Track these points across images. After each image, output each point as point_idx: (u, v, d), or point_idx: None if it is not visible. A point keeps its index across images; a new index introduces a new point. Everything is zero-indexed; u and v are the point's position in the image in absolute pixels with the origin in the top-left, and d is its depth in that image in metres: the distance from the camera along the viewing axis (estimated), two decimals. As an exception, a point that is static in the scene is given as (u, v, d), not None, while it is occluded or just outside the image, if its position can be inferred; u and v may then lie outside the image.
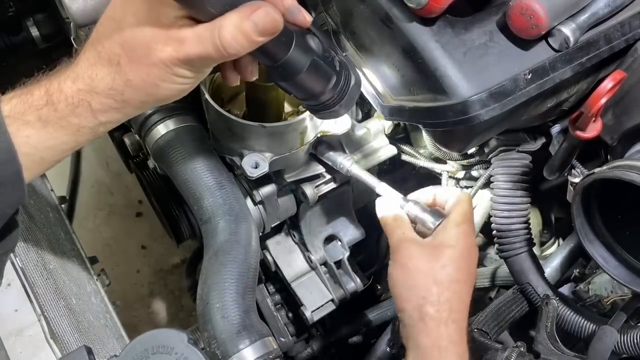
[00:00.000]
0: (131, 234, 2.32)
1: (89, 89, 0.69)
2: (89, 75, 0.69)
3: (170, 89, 0.70)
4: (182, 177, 1.02)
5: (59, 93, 0.69)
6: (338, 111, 0.82)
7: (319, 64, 0.74)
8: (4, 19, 1.44)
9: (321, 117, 0.85)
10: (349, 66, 0.81)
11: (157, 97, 0.71)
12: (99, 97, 0.69)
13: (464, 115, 0.81)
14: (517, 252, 1.12)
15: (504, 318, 1.12)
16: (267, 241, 1.30)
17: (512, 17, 0.81)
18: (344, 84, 0.79)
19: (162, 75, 0.67)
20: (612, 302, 1.19)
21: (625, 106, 0.92)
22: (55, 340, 1.00)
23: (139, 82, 0.68)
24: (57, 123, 0.70)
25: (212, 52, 0.65)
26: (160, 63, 0.66)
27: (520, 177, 1.11)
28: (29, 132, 0.70)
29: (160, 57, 0.66)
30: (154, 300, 2.23)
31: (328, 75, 0.77)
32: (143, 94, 0.69)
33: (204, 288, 0.91)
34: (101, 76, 0.68)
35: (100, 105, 0.70)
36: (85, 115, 0.70)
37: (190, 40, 0.65)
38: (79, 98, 0.69)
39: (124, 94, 0.69)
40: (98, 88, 0.69)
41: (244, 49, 0.65)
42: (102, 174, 2.42)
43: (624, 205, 0.90)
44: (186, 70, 0.68)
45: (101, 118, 0.71)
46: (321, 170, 1.16)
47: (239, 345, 0.85)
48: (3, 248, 0.78)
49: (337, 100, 0.80)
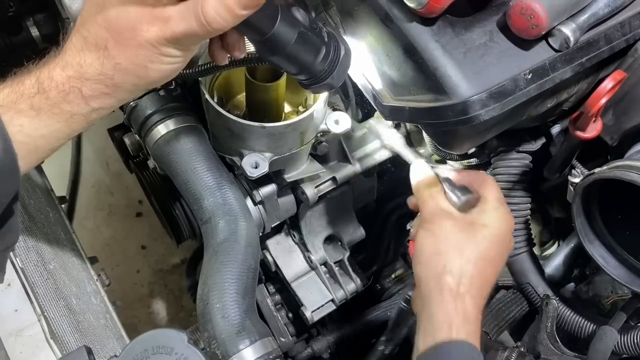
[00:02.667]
0: (131, 234, 2.31)
1: (78, 76, 0.68)
2: (78, 62, 0.68)
3: (159, 69, 0.69)
4: (182, 177, 1.02)
5: (50, 81, 0.69)
6: (331, 83, 0.81)
7: (307, 35, 0.74)
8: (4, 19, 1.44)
9: (315, 91, 0.84)
10: (337, 37, 0.80)
11: (148, 79, 0.70)
12: (89, 83, 0.69)
13: (464, 116, 0.81)
14: (517, 252, 1.12)
15: (504, 318, 1.12)
16: (267, 241, 1.30)
17: (512, 17, 0.81)
18: (334, 54, 0.79)
19: (150, 56, 0.67)
20: (612, 302, 1.19)
21: (626, 106, 0.92)
22: (55, 341, 1.00)
23: (128, 64, 0.67)
24: (50, 111, 0.70)
25: (197, 29, 0.64)
26: (147, 44, 0.66)
27: (520, 177, 1.11)
28: (22, 120, 0.70)
29: (147, 38, 0.65)
30: (154, 300, 2.23)
31: (317, 47, 0.77)
32: (133, 76, 0.69)
33: (204, 288, 0.91)
34: (89, 62, 0.68)
35: (91, 92, 0.69)
36: (77, 102, 0.70)
37: (175, 18, 0.64)
38: (70, 85, 0.69)
39: (114, 78, 0.69)
40: (87, 74, 0.68)
41: (228, 23, 0.64)
42: (102, 174, 2.42)
43: (624, 205, 0.90)
44: (173, 49, 0.67)
45: (93, 104, 0.71)
46: (321, 170, 1.16)
47: (239, 346, 0.85)
48: (3, 244, 0.78)
49: (329, 71, 0.79)
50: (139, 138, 1.13)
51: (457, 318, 0.79)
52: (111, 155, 2.33)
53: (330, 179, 1.18)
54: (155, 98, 1.08)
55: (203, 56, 1.00)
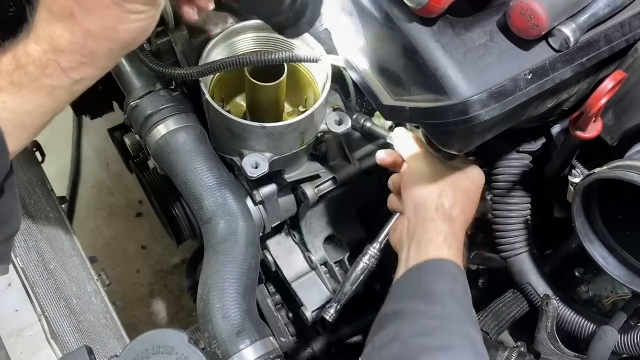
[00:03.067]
0: (131, 234, 2.31)
1: (52, 49, 0.68)
2: (49, 34, 0.68)
3: (129, 29, 0.69)
4: (182, 177, 1.02)
5: (26, 56, 0.69)
6: (310, 20, 0.81)
7: None
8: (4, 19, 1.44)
9: (294, 34, 0.84)
10: None
11: (121, 41, 0.70)
12: (64, 55, 0.69)
13: (464, 116, 0.81)
14: (517, 252, 1.12)
15: (504, 318, 1.12)
16: (267, 241, 1.30)
17: (513, 17, 0.81)
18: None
19: (117, 16, 0.67)
20: (612, 302, 1.19)
21: (626, 106, 0.92)
22: (56, 340, 1.00)
23: (97, 29, 0.67)
24: (31, 85, 0.69)
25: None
26: (111, 3, 0.66)
27: (520, 177, 1.11)
28: (4, 97, 0.69)
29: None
30: (154, 300, 2.23)
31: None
32: (106, 40, 0.69)
33: (204, 288, 0.91)
34: (60, 32, 0.68)
35: (68, 63, 0.69)
36: (57, 74, 0.70)
37: None
38: (47, 58, 0.68)
39: (87, 46, 0.68)
40: (60, 45, 0.68)
41: None
42: (102, 174, 2.42)
43: (624, 205, 0.90)
44: (138, 4, 0.67)
45: (74, 75, 0.71)
46: (321, 170, 1.16)
47: (239, 345, 0.85)
48: (4, 233, 0.78)
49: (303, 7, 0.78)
50: (139, 138, 1.13)
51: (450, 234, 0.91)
52: (111, 155, 2.33)
53: (330, 179, 1.18)
54: (156, 98, 1.08)
55: None
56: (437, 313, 0.82)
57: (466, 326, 0.82)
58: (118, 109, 1.59)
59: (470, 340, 0.80)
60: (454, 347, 0.78)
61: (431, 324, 0.81)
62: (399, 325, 0.82)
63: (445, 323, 0.81)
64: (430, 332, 0.79)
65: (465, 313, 0.85)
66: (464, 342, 0.79)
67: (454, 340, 0.79)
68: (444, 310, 0.83)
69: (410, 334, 0.80)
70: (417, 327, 0.81)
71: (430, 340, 0.78)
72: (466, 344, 0.79)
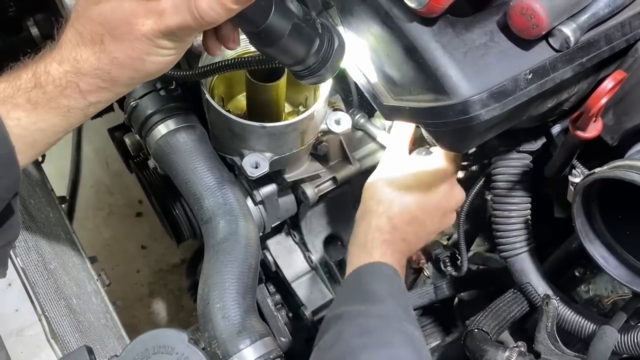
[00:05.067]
0: (131, 234, 2.31)
1: (75, 71, 0.69)
2: (74, 57, 0.68)
3: (156, 62, 0.70)
4: (182, 177, 1.02)
5: (47, 75, 0.69)
6: (325, 75, 0.82)
7: (301, 27, 0.74)
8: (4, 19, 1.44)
9: (309, 82, 0.85)
10: (331, 28, 0.81)
11: (145, 72, 0.71)
12: (86, 78, 0.69)
13: (465, 115, 0.81)
14: (517, 252, 1.12)
15: (504, 318, 1.12)
16: (267, 241, 1.30)
17: (513, 17, 0.81)
18: (328, 46, 0.79)
19: (146, 49, 0.67)
20: (612, 302, 1.19)
21: (626, 106, 0.92)
22: (56, 340, 1.00)
23: (125, 58, 0.68)
24: (47, 105, 0.70)
25: (190, 22, 0.65)
26: (143, 37, 0.66)
27: (520, 177, 1.11)
28: (19, 114, 0.70)
29: (143, 32, 0.66)
30: (154, 300, 2.23)
31: (311, 38, 0.77)
32: (130, 70, 0.70)
33: (205, 288, 0.91)
34: (86, 57, 0.68)
35: (88, 86, 0.70)
36: (75, 96, 0.70)
37: (169, 11, 0.65)
38: (67, 80, 0.69)
39: (111, 72, 0.69)
40: (84, 69, 0.68)
41: (220, 17, 0.65)
42: (102, 174, 2.42)
43: (624, 205, 0.90)
44: (169, 41, 0.68)
45: (91, 98, 0.71)
46: (321, 170, 1.16)
47: (239, 345, 0.85)
48: (5, 239, 0.78)
49: (323, 63, 0.80)
50: (140, 138, 1.13)
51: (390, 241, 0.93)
52: (111, 155, 2.33)
53: (330, 179, 1.18)
54: (156, 98, 1.08)
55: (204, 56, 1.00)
56: (376, 312, 0.83)
57: (405, 324, 0.83)
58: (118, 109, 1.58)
59: (409, 337, 0.81)
60: (393, 344, 0.79)
61: (371, 323, 0.82)
62: (341, 326, 0.83)
63: (384, 322, 0.82)
64: (370, 331, 0.81)
65: (404, 311, 0.86)
66: (403, 339, 0.80)
67: (394, 338, 0.80)
68: (383, 309, 0.84)
69: (351, 334, 0.81)
70: (357, 327, 0.82)
71: (370, 339, 0.79)
72: (406, 341, 0.80)
